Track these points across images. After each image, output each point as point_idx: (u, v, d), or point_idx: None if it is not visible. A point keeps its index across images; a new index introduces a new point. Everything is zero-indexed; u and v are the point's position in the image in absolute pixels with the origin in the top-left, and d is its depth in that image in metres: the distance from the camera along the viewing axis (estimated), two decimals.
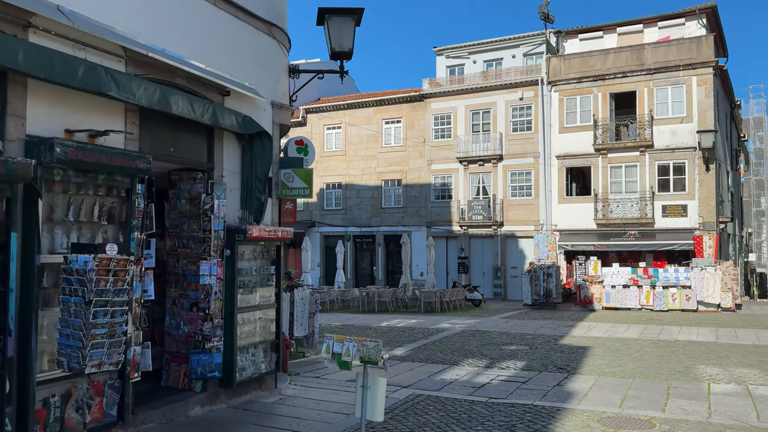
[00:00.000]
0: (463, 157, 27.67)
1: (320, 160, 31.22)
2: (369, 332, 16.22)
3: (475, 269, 27.82)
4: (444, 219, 28.32)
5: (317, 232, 31.13)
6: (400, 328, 16.95)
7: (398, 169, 29.37)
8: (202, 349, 7.31)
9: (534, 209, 26.59)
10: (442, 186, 28.60)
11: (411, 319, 19.17)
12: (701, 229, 23.75)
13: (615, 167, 25.42)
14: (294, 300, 12.65)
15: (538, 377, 9.96)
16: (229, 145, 7.87)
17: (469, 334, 15.57)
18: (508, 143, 27.17)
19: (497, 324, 17.75)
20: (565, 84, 26.26)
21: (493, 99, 27.50)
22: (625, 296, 22.11)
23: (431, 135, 28.77)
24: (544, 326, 17.10)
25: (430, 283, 23.98)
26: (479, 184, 27.81)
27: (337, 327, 17.51)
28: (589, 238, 25.28)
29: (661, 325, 17.05)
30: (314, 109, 31.35)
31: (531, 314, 20.71)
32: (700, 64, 23.88)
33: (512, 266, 27.08)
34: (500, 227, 27.15)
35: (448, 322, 18.33)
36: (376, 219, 29.86)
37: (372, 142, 30.06)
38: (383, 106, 29.86)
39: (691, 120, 24.06)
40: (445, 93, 28.39)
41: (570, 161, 26.15)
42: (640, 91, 24.91)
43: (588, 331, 15.91)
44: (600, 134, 25.46)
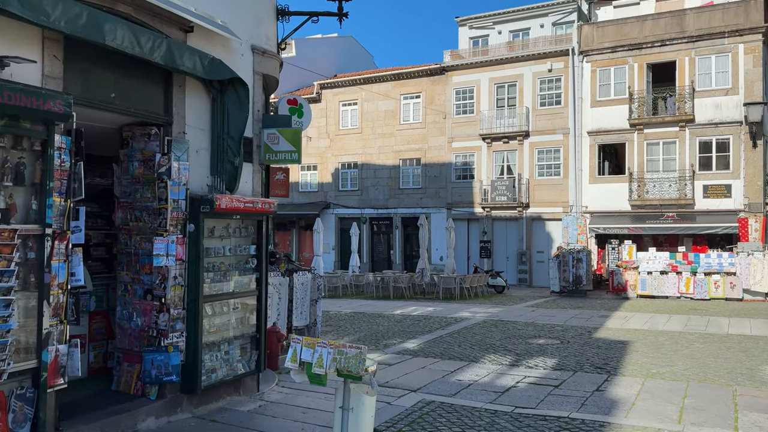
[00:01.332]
0: (486, 134, 25.90)
1: (335, 138, 29.76)
2: (381, 321, 14.79)
3: (498, 254, 26.17)
4: (465, 200, 26.66)
5: (332, 214, 29.73)
6: (415, 317, 15.48)
7: (417, 148, 27.73)
8: (156, 346, 5.91)
9: (563, 190, 24.77)
10: (463, 165, 26.90)
11: (428, 307, 17.68)
12: (746, 210, 21.71)
13: (652, 144, 23.43)
14: (294, 286, 11.27)
15: (572, 379, 8.41)
16: (195, 95, 6.39)
17: (491, 324, 14.02)
18: (535, 119, 25.30)
19: (522, 313, 16.16)
20: (598, 54, 24.24)
21: (519, 71, 25.61)
22: (662, 283, 20.30)
23: (452, 111, 27.03)
24: (576, 316, 15.46)
25: (450, 268, 22.44)
26: (503, 163, 26.04)
27: (347, 315, 16.10)
28: (623, 221, 23.41)
29: (707, 316, 15.28)
30: (329, 84, 29.78)
31: (559, 302, 19.06)
32: (747, 30, 21.67)
33: (538, 251, 25.35)
34: (526, 209, 25.40)
35: (469, 310, 16.79)
36: (393, 200, 28.32)
37: (389, 118, 28.42)
38: (401, 81, 28.16)
39: (737, 92, 21.93)
40: (467, 65, 26.57)
41: (602, 137, 24.21)
42: (681, 60, 22.80)
43: (625, 323, 14.24)
44: (636, 108, 23.46)
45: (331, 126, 29.92)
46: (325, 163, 30.05)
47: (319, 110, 30.19)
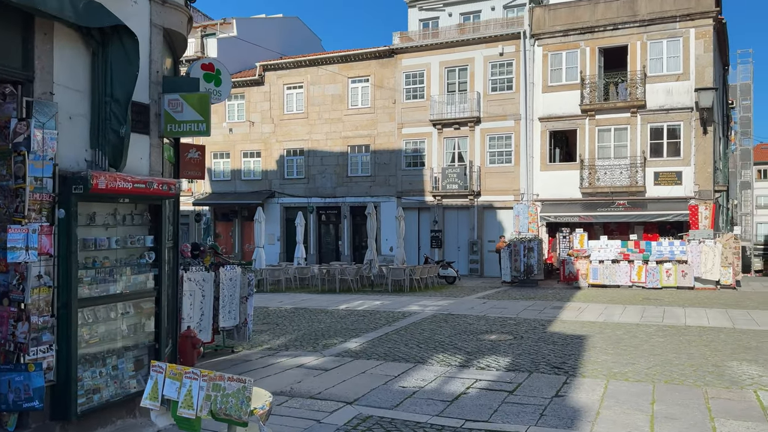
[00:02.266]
0: (437, 120, 25.01)
1: (280, 123, 28.30)
2: (323, 317, 13.67)
3: (449, 243, 25.40)
4: (416, 189, 25.75)
5: (277, 203, 28.32)
6: (360, 312, 14.43)
7: (366, 134, 26.60)
8: (14, 364, 4.63)
9: (514, 177, 24.16)
10: (414, 152, 25.95)
11: (375, 301, 16.66)
12: (697, 198, 21.59)
13: (603, 130, 23.04)
14: (220, 281, 10.04)
15: (528, 382, 7.52)
16: (67, 46, 5.08)
17: (441, 319, 13.11)
18: (487, 104, 24.56)
19: (473, 306, 15.34)
20: (550, 37, 23.64)
21: (470, 54, 24.77)
22: (614, 272, 19.92)
23: (402, 95, 25.99)
24: (528, 308, 14.74)
25: (400, 259, 21.48)
26: (455, 150, 25.22)
27: (288, 311, 14.91)
28: (574, 209, 22.98)
29: (661, 306, 14.82)
30: (273, 66, 28.25)
31: (511, 293, 18.38)
32: (699, 14, 21.45)
33: (490, 240, 24.70)
34: (477, 197, 24.69)
35: (418, 303, 15.86)
36: (341, 188, 27.14)
37: (337, 103, 27.16)
38: (349, 63, 26.91)
39: (688, 77, 21.72)
40: (417, 48, 25.56)
41: (554, 124, 23.68)
42: (632, 45, 22.44)
43: (579, 314, 13.58)
44: (587, 94, 23.00)
45: (275, 110, 28.42)
46: (269, 149, 28.56)
47: (262, 94, 28.66)
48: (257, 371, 8.48)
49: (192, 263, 10.09)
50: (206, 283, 9.83)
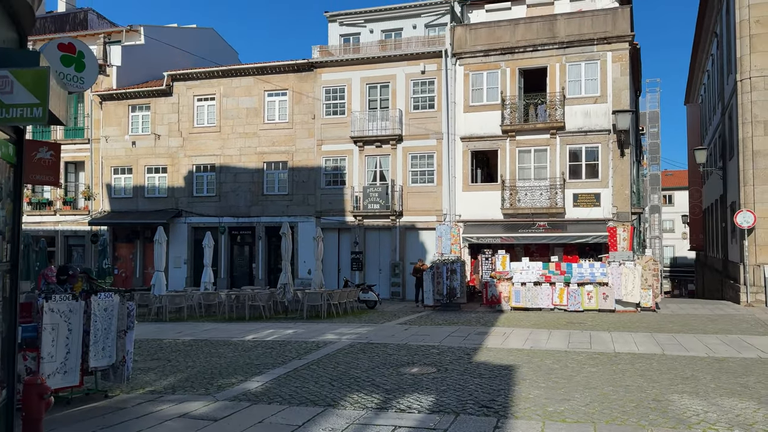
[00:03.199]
0: (358, 137, 24.03)
1: (189, 137, 26.38)
2: (226, 350, 12.07)
3: (370, 266, 24.30)
4: (336, 208, 24.54)
5: (184, 223, 26.22)
6: (269, 343, 12.93)
7: (283, 150, 25.19)
8: None
9: (437, 197, 23.49)
10: (334, 170, 24.79)
11: (288, 329, 15.18)
12: (615, 219, 21.70)
13: (524, 151, 22.87)
14: (92, 312, 8.38)
15: (455, 428, 6.41)
16: None
17: (359, 349, 11.86)
18: (409, 122, 23.87)
19: (395, 333, 14.21)
20: (471, 57, 23.36)
21: (392, 71, 24.07)
22: (536, 295, 19.46)
23: (322, 111, 24.87)
24: (452, 334, 13.77)
25: (318, 282, 20.12)
26: (376, 169, 24.30)
27: (186, 343, 13.16)
28: (496, 230, 22.56)
29: (587, 331, 14.29)
30: (182, 76, 26.38)
31: (434, 318, 17.43)
32: (615, 38, 21.81)
33: (412, 262, 23.80)
34: (399, 218, 23.81)
35: (335, 331, 14.54)
36: (256, 207, 25.48)
37: (252, 117, 25.64)
38: (266, 75, 25.52)
39: (606, 100, 21.97)
40: (338, 62, 24.59)
41: (475, 144, 23.30)
42: (552, 67, 22.51)
43: (505, 341, 12.75)
44: (508, 114, 22.81)
45: (184, 123, 26.48)
46: (176, 164, 26.50)
47: (170, 105, 26.66)
48: (129, 424, 6.90)
49: (56, 290, 8.39)
50: (74, 315, 8.15)
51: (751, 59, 19.12)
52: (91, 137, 27.36)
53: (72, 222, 27.54)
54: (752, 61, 19.11)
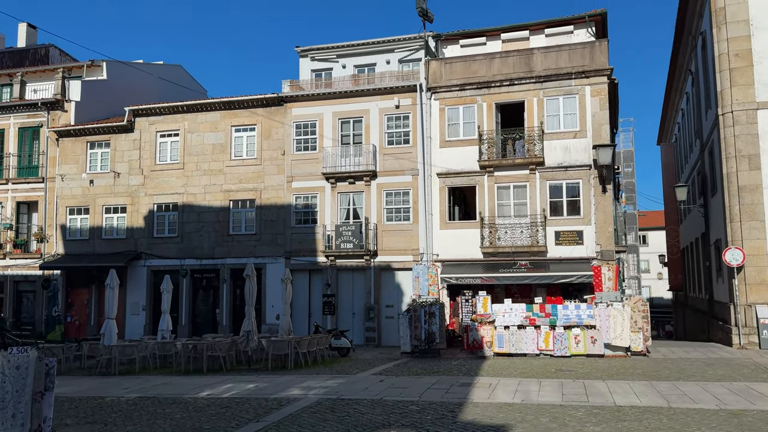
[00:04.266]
0: (330, 174, 22.90)
1: (150, 174, 24.95)
2: (173, 411, 10.47)
3: (344, 309, 22.82)
4: (307, 248, 23.17)
5: (143, 266, 24.50)
6: (225, 401, 11.35)
7: (251, 187, 23.89)
8: None
9: (413, 236, 22.33)
10: (305, 208, 23.52)
11: (249, 383, 13.59)
12: (599, 258, 20.76)
13: (502, 187, 21.98)
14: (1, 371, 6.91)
15: None
16: None
17: (327, 408, 10.38)
18: (383, 158, 22.89)
19: (369, 385, 12.75)
20: (447, 91, 22.66)
21: (365, 106, 23.20)
22: (520, 339, 18.18)
23: (292, 146, 23.76)
24: (433, 387, 12.37)
25: (286, 328, 18.57)
26: (349, 206, 23.11)
27: (128, 402, 11.50)
28: (476, 270, 21.41)
29: (580, 380, 13.03)
30: (144, 111, 25.11)
31: (412, 367, 15.99)
32: (593, 72, 21.34)
33: (388, 304, 22.45)
34: (374, 257, 22.53)
35: (301, 385, 13.01)
36: (221, 249, 23.96)
37: (218, 153, 24.38)
38: (233, 110, 24.42)
39: (585, 134, 21.32)
40: (309, 97, 23.65)
41: (453, 180, 22.35)
42: (529, 101, 21.89)
43: (492, 394, 11.40)
44: (485, 149, 22.00)
45: (145, 160, 25.08)
46: (136, 204, 24.96)
47: (131, 142, 25.30)
48: None
49: None
50: None
51: (732, 93, 18.69)
52: (45, 176, 25.74)
53: (23, 266, 25.61)
54: (733, 95, 18.68)
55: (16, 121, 26.15)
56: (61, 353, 17.02)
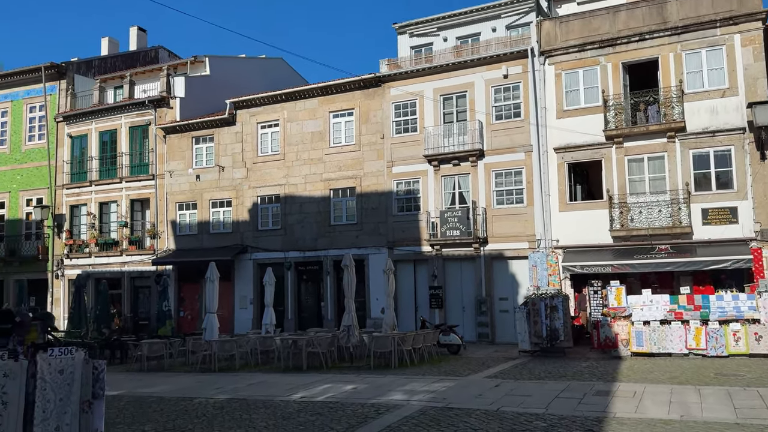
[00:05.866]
0: (432, 156, 21.09)
1: (253, 167, 24.52)
2: (261, 417, 9.22)
3: (452, 302, 20.95)
4: (411, 237, 21.55)
5: (250, 260, 24.12)
6: (318, 406, 9.95)
7: (351, 175, 22.67)
8: None
9: (528, 220, 19.95)
10: (406, 194, 21.91)
11: (347, 384, 12.16)
12: (759, 239, 17.21)
13: (634, 160, 18.97)
14: (40, 376, 5.83)
15: None
16: None
17: (431, 420, 8.61)
18: (491, 135, 20.68)
19: (482, 391, 10.83)
20: (563, 54, 19.98)
21: (469, 79, 21.11)
22: (663, 336, 15.37)
23: (391, 129, 22.22)
24: (561, 395, 10.20)
25: (390, 323, 17.09)
26: (455, 190, 21.16)
27: (216, 405, 10.44)
28: (605, 257, 18.61)
29: (751, 388, 10.29)
30: (244, 102, 24.72)
31: (533, 368, 13.82)
32: (744, 17, 17.75)
33: (501, 297, 20.26)
34: (484, 245, 20.42)
35: (404, 388, 11.35)
36: (323, 240, 22.98)
37: (317, 141, 23.41)
38: (330, 96, 23.32)
39: (737, 92, 17.80)
40: (407, 74, 21.97)
41: (573, 155, 19.67)
42: (664, 58, 18.68)
43: (640, 406, 9.06)
44: (612, 117, 19.10)
45: (248, 153, 24.69)
46: (241, 197, 24.64)
47: (233, 135, 25.05)
48: None
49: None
50: (10, 380, 5.63)
51: None
52: (155, 173, 26.21)
53: (138, 262, 26.28)
54: None
55: (126, 121, 26.89)
56: (164, 349, 16.68)
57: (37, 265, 27.53)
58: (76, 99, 28.30)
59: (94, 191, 27.27)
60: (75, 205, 27.63)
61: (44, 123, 28.01)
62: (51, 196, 27.61)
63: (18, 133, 28.51)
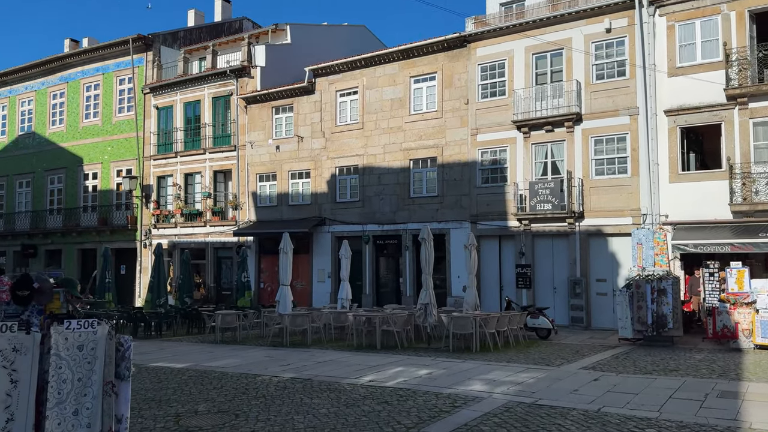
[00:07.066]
0: (522, 121, 19.23)
1: (332, 137, 23.66)
2: (322, 402, 8.26)
3: (542, 282, 19.21)
4: (496, 210, 19.91)
5: (328, 233, 23.42)
6: (386, 393, 8.84)
7: (432, 144, 21.25)
8: None
9: (632, 193, 17.76)
10: (492, 164, 20.22)
11: (422, 369, 10.98)
12: None
13: (761, 124, 16.27)
14: (54, 352, 5.03)
15: None
16: None
17: (517, 420, 7.25)
18: (590, 97, 18.52)
19: (578, 385, 9.30)
20: (677, 3, 17.40)
21: (566, 34, 18.96)
22: None
23: (477, 94, 20.51)
24: (676, 395, 8.50)
25: (471, 302, 15.73)
26: (546, 159, 19.24)
27: (279, 384, 9.60)
28: (722, 234, 16.17)
29: None
30: (323, 70, 23.79)
31: (637, 360, 12.04)
32: None
33: (598, 278, 18.29)
34: (580, 220, 18.46)
35: (485, 378, 10.01)
36: (402, 213, 21.80)
37: (397, 109, 22.12)
38: (411, 59, 21.88)
39: None
40: (496, 32, 20.10)
41: (687, 118, 17.19)
42: None
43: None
44: (735, 74, 16.42)
45: (326, 122, 23.84)
46: (319, 168, 23.91)
47: (312, 104, 24.28)
48: None
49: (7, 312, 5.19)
50: (20, 356, 4.86)
51: None
52: (237, 144, 26.01)
53: (221, 233, 26.36)
54: None
55: (209, 92, 26.81)
56: (237, 320, 16.26)
57: (127, 235, 28.34)
58: (162, 71, 28.58)
59: (179, 162, 27.54)
60: (162, 176, 28.07)
61: (132, 95, 28.55)
62: (139, 167, 28.20)
63: (109, 106, 29.29)
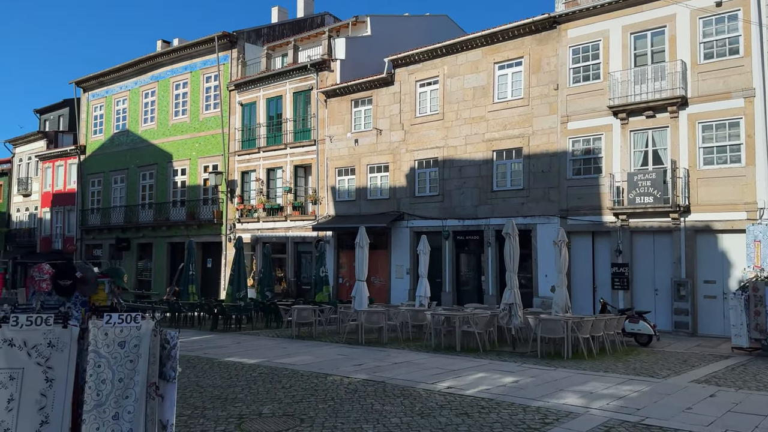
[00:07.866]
0: (619, 106, 17.60)
1: (411, 129, 22.91)
2: (395, 408, 7.52)
3: (641, 284, 17.51)
4: (588, 204, 18.38)
5: (406, 228, 22.70)
6: (465, 404, 7.95)
7: (517, 134, 19.97)
8: None
9: (746, 184, 15.75)
10: (584, 154, 18.69)
11: (507, 376, 9.98)
12: None
13: None
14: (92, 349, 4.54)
15: None
16: None
17: None
18: (698, 78, 16.62)
19: (690, 402, 7.99)
20: None
21: (669, 10, 17.13)
22: None
23: (568, 78, 19.03)
24: None
25: (561, 304, 14.43)
26: (647, 148, 17.49)
27: (351, 387, 8.97)
28: None
29: None
30: (402, 60, 23.05)
31: (758, 373, 10.42)
32: None
33: (706, 280, 16.39)
34: (685, 215, 16.62)
35: (580, 389, 8.88)
36: (484, 207, 20.68)
37: (480, 97, 21.00)
38: (495, 45, 20.68)
39: None
40: (590, 11, 18.54)
41: None
42: None
43: None
44: None
45: (405, 114, 23.11)
46: (398, 161, 23.23)
47: (391, 95, 23.62)
48: None
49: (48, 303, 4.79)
50: (56, 353, 4.43)
51: None
52: (317, 138, 25.84)
53: (301, 228, 26.32)
54: None
55: (291, 87, 26.81)
56: (313, 316, 15.86)
57: (213, 229, 28.96)
58: (246, 67, 28.94)
59: (262, 157, 27.77)
60: (245, 171, 28.43)
61: (218, 92, 29.11)
62: (225, 163, 28.72)
63: (196, 103, 30.05)
